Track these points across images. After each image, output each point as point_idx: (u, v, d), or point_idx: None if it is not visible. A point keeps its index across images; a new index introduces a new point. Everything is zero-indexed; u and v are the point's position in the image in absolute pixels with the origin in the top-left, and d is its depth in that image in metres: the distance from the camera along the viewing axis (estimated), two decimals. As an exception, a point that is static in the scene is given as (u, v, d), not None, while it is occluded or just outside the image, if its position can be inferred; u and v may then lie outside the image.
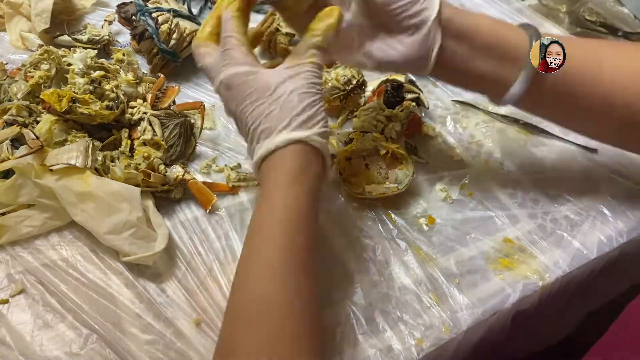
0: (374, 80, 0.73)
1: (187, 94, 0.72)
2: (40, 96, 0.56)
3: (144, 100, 0.65)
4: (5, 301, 0.49)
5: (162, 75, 0.69)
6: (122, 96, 0.61)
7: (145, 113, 0.62)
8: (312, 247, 0.45)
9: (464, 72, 0.53)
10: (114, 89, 0.61)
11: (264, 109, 0.46)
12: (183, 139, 0.62)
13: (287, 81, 0.47)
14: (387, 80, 0.71)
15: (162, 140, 0.60)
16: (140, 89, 0.66)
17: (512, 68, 0.52)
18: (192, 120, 0.65)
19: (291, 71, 0.47)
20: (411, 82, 0.73)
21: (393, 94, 0.70)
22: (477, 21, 0.52)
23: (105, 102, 0.59)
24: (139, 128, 0.61)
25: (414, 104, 0.69)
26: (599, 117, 0.55)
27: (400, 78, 0.71)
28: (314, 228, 0.46)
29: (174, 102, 0.67)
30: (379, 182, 0.61)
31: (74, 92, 0.59)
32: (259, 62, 0.49)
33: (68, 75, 0.62)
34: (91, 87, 0.60)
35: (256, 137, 0.47)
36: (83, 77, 0.62)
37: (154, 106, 0.64)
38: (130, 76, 0.66)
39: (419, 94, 0.71)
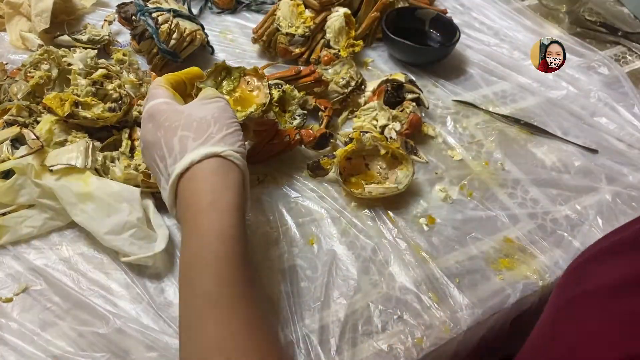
0: (374, 81, 0.73)
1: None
2: (43, 101, 0.56)
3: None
4: (10, 299, 0.49)
5: (153, 74, 0.69)
6: (125, 96, 0.60)
7: None
8: (246, 276, 0.43)
9: None
10: (117, 89, 0.61)
11: (179, 132, 0.46)
12: None
13: (201, 107, 0.48)
14: (387, 81, 0.71)
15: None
16: (143, 89, 0.66)
17: None
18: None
19: (203, 102, 0.49)
20: (411, 82, 0.73)
21: (393, 94, 0.70)
22: None
23: (108, 104, 0.59)
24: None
25: (414, 104, 0.69)
26: None
27: (401, 78, 0.71)
28: (243, 252, 0.44)
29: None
30: (379, 182, 0.61)
31: (76, 94, 0.59)
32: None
33: (70, 77, 0.62)
34: (93, 89, 0.60)
35: (172, 160, 0.45)
36: (85, 77, 0.62)
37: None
38: (132, 77, 0.66)
39: (419, 94, 0.71)
